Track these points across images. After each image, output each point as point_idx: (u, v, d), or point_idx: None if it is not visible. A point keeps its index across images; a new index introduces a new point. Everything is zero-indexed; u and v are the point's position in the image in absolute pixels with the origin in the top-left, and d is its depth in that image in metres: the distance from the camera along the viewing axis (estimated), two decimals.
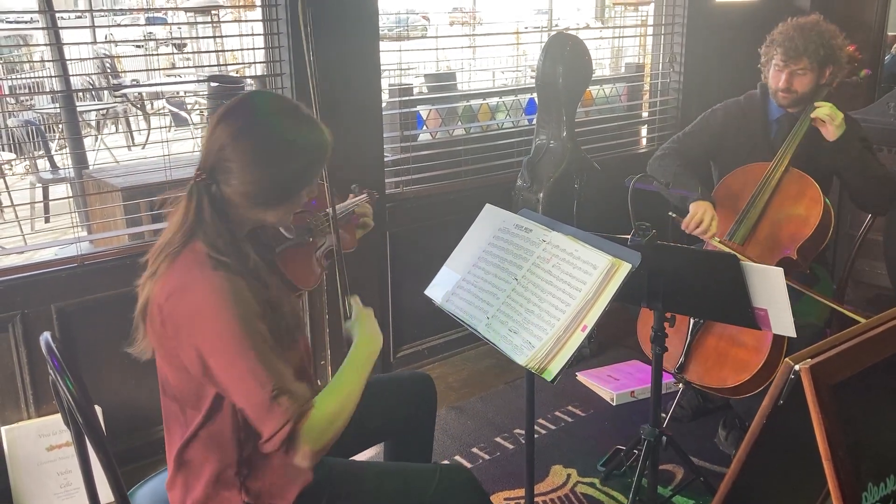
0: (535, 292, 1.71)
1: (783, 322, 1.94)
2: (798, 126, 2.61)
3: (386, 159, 3.27)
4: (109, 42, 7.31)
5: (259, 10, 2.92)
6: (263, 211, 1.49)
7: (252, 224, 1.52)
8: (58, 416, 1.65)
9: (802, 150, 2.62)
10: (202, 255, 1.42)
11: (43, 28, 2.97)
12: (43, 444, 2.46)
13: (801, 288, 2.33)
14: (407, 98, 3.44)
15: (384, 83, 3.21)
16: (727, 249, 2.42)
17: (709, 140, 2.84)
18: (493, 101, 3.83)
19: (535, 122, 3.48)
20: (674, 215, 2.59)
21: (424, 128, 3.60)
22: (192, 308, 1.39)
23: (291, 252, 1.63)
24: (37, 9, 2.78)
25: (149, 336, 1.48)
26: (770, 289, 1.92)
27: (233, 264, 1.42)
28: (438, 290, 1.93)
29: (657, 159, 2.82)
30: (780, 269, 1.91)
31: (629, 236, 2.01)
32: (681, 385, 2.70)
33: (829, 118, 2.51)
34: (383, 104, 3.22)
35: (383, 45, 3.14)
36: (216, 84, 5.57)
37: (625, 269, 1.62)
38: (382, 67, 3.15)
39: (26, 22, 5.98)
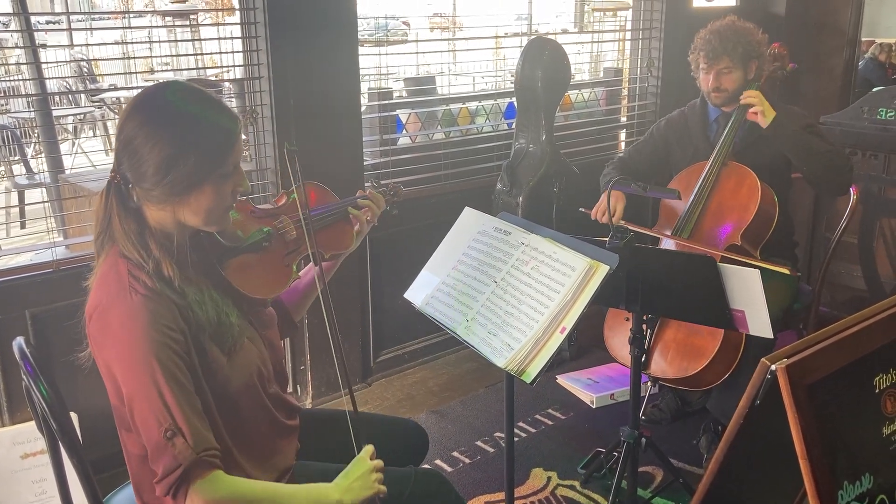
0: (514, 295, 1.71)
1: (760, 323, 1.95)
2: (731, 121, 2.69)
3: (365, 163, 3.27)
4: (87, 45, 7.24)
5: (238, 14, 2.91)
6: (174, 205, 1.39)
7: (174, 229, 1.43)
8: (32, 424, 1.63)
9: (746, 145, 2.71)
10: (123, 273, 1.36)
11: (17, 31, 2.93)
12: (17, 451, 2.43)
13: (738, 257, 2.37)
14: (386, 102, 3.44)
15: (364, 87, 3.21)
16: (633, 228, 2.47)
17: (651, 152, 2.97)
18: (473, 105, 3.83)
19: (514, 126, 3.49)
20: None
21: (404, 132, 3.59)
22: (108, 332, 1.34)
23: (246, 260, 1.54)
24: (10, 11, 2.75)
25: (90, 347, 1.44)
26: (747, 290, 1.93)
27: (152, 283, 1.36)
28: (418, 293, 1.93)
29: (605, 174, 2.95)
30: (757, 271, 1.92)
31: (607, 239, 2.03)
32: (650, 384, 2.73)
33: (756, 104, 2.59)
34: (363, 108, 3.22)
35: (364, 49, 3.14)
36: None
37: (602, 270, 1.62)
38: (363, 71, 3.15)
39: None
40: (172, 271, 1.38)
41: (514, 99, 3.56)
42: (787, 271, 2.22)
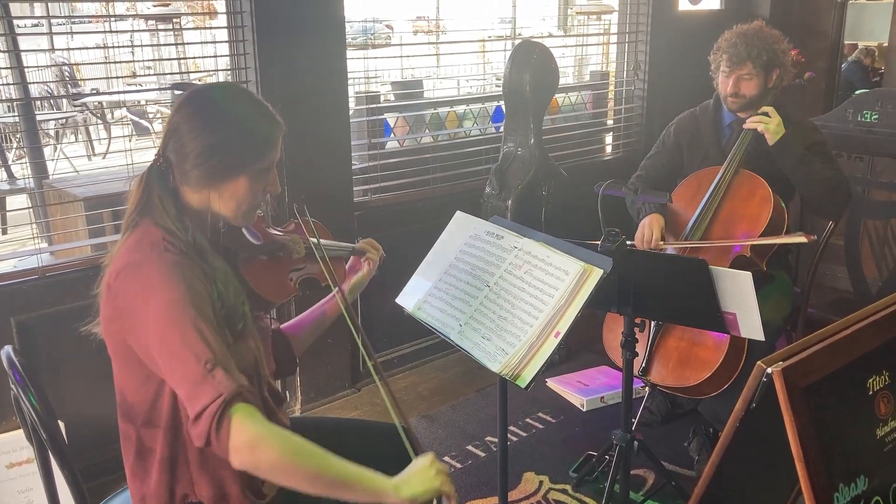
0: (507, 299, 1.71)
1: (752, 326, 1.96)
2: (745, 130, 2.67)
3: (354, 167, 3.26)
4: (68, 49, 7.18)
5: (222, 17, 2.89)
6: (210, 190, 1.47)
7: (207, 215, 1.50)
8: (18, 433, 1.61)
9: (757, 154, 2.68)
10: (157, 238, 1.41)
11: (1, 34, 2.90)
12: (3, 461, 2.40)
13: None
14: (374, 106, 3.43)
15: (351, 91, 3.20)
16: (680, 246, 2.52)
17: (668, 159, 2.93)
18: (461, 108, 3.83)
19: (502, 129, 3.49)
20: (630, 243, 2.64)
21: (392, 135, 3.59)
22: (139, 285, 1.36)
23: (261, 261, 1.65)
24: None
25: (101, 323, 1.45)
26: (739, 293, 1.94)
27: (186, 249, 1.41)
28: (409, 298, 1.92)
29: (631, 202, 2.85)
30: (749, 274, 1.93)
31: (599, 242, 2.03)
32: (647, 388, 2.72)
33: (761, 124, 2.58)
34: (350, 112, 3.21)
35: (349, 53, 3.13)
36: (179, 92, 5.49)
37: (597, 274, 1.62)
38: (349, 75, 3.14)
39: None
40: (206, 246, 1.46)
41: (501, 102, 3.56)
42: None
